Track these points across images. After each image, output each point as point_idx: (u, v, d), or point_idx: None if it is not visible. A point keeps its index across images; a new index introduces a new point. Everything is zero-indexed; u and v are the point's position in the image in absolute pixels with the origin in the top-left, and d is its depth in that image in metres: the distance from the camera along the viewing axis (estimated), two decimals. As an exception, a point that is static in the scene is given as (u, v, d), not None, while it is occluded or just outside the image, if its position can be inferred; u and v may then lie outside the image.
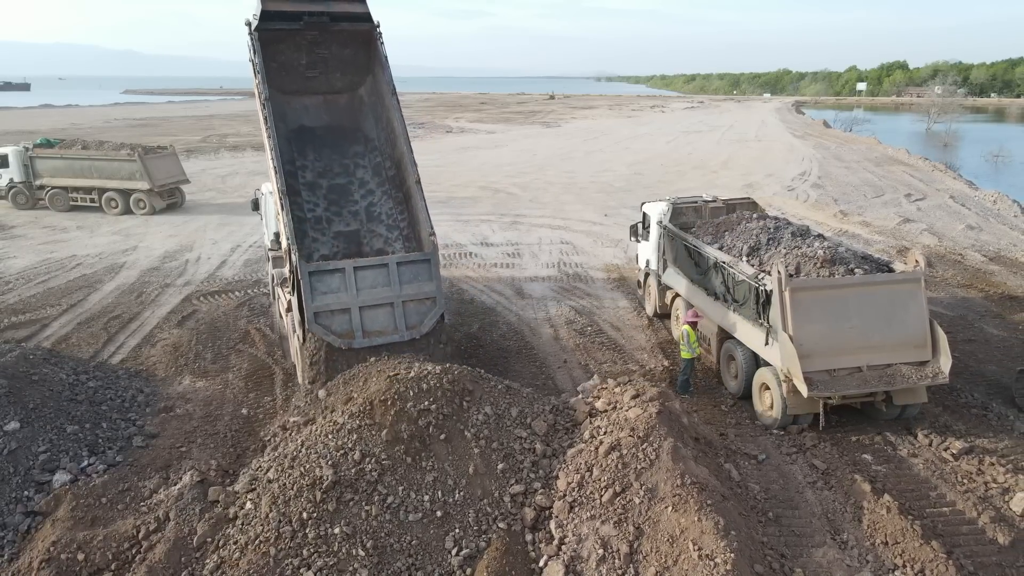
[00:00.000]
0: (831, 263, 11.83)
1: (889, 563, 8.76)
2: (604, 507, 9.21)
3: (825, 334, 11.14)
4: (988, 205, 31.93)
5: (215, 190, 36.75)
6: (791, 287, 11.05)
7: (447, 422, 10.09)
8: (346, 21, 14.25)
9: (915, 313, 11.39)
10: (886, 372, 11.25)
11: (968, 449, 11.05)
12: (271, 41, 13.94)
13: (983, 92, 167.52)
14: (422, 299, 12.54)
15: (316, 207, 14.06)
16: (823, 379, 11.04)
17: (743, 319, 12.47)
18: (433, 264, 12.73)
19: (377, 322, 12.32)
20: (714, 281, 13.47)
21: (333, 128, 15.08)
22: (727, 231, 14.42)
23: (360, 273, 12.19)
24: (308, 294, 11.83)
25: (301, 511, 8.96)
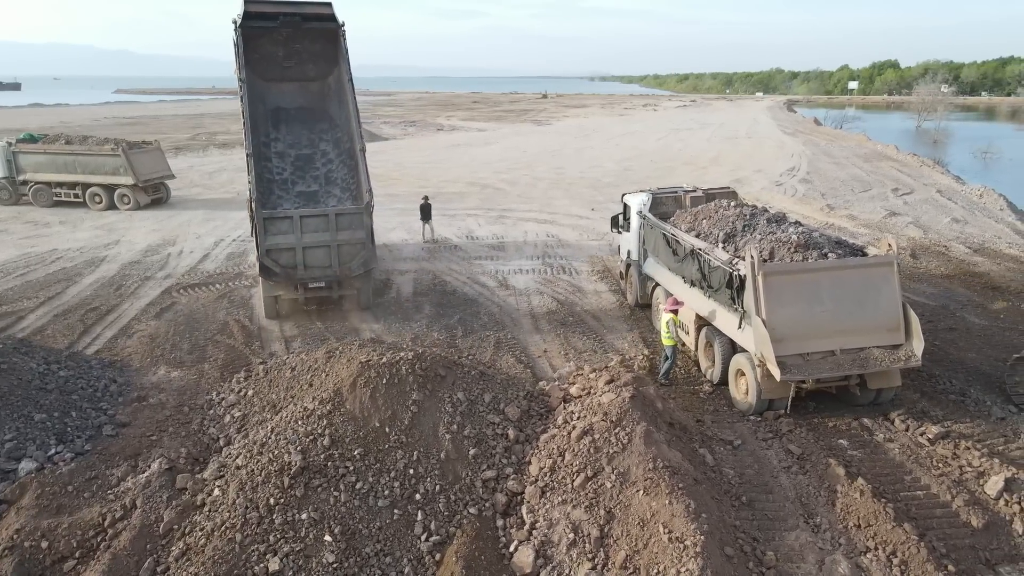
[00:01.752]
0: (804, 248, 11.80)
1: (861, 546, 8.70)
2: (576, 492, 9.13)
3: (798, 318, 11.11)
4: (975, 199, 31.99)
5: (202, 186, 36.54)
6: (764, 271, 11.02)
7: (418, 407, 9.99)
8: (315, 21, 17.60)
9: (888, 297, 11.39)
10: (859, 356, 11.22)
11: (944, 434, 11.00)
12: (253, 36, 17.11)
13: (974, 91, 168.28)
14: (354, 243, 15.80)
15: (283, 171, 17.20)
16: (796, 363, 11.01)
17: (719, 305, 12.47)
18: (365, 216, 15.85)
19: (316, 259, 15.66)
20: (691, 268, 13.43)
21: (304, 109, 18.31)
22: (705, 219, 14.39)
23: (304, 220, 15.41)
24: (262, 234, 15.18)
25: (268, 497, 8.85)
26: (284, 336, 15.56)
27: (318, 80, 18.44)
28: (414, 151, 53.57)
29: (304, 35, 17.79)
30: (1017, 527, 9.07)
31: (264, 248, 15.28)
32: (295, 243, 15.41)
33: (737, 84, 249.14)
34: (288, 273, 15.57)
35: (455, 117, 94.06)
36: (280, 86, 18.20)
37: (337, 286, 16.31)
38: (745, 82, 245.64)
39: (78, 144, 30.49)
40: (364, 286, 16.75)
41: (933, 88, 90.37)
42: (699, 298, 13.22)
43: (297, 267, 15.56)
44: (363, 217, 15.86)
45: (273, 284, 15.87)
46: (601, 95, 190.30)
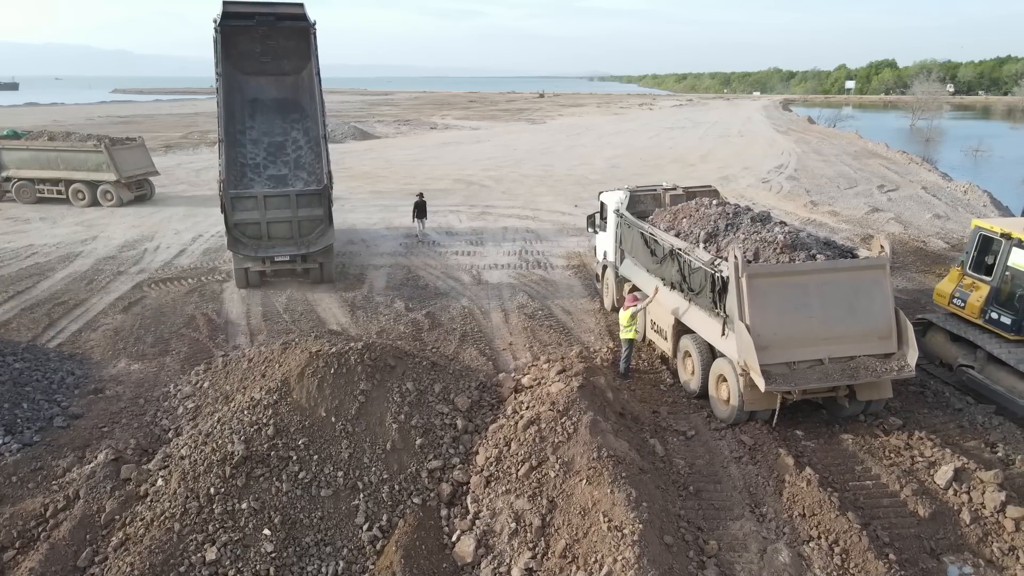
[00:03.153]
0: (792, 249, 11.10)
1: (805, 535, 8.66)
2: (520, 481, 9.08)
3: (784, 324, 10.39)
4: (959, 195, 31.94)
5: (187, 183, 36.44)
6: (748, 273, 10.30)
7: (366, 397, 9.93)
8: (288, 20, 19.34)
9: (880, 302, 10.68)
10: (849, 365, 10.50)
11: (900, 425, 10.95)
12: (233, 34, 18.86)
13: (971, 90, 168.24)
14: (313, 220, 17.48)
15: (256, 157, 18.81)
16: (782, 372, 10.30)
17: (699, 309, 11.66)
18: (323, 196, 17.51)
19: (279, 232, 17.42)
20: (670, 270, 12.64)
21: (279, 100, 19.94)
22: (685, 218, 13.67)
23: (268, 199, 17.15)
24: (230, 211, 16.87)
25: (209, 487, 8.80)
26: (250, 330, 15.50)
27: (292, 74, 20.02)
28: (405, 149, 53.49)
29: (279, 33, 19.48)
30: (964, 517, 9.03)
31: (231, 223, 17.01)
32: (260, 219, 17.12)
33: (735, 84, 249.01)
34: (254, 246, 17.38)
35: (450, 116, 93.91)
36: (257, 79, 19.81)
37: (301, 260, 17.98)
38: (743, 82, 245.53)
39: (61, 140, 30.41)
40: (326, 261, 18.43)
41: (931, 87, 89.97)
42: (678, 301, 12.45)
43: (262, 240, 17.36)
44: (321, 197, 17.53)
45: (242, 257, 17.61)
46: (598, 95, 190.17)
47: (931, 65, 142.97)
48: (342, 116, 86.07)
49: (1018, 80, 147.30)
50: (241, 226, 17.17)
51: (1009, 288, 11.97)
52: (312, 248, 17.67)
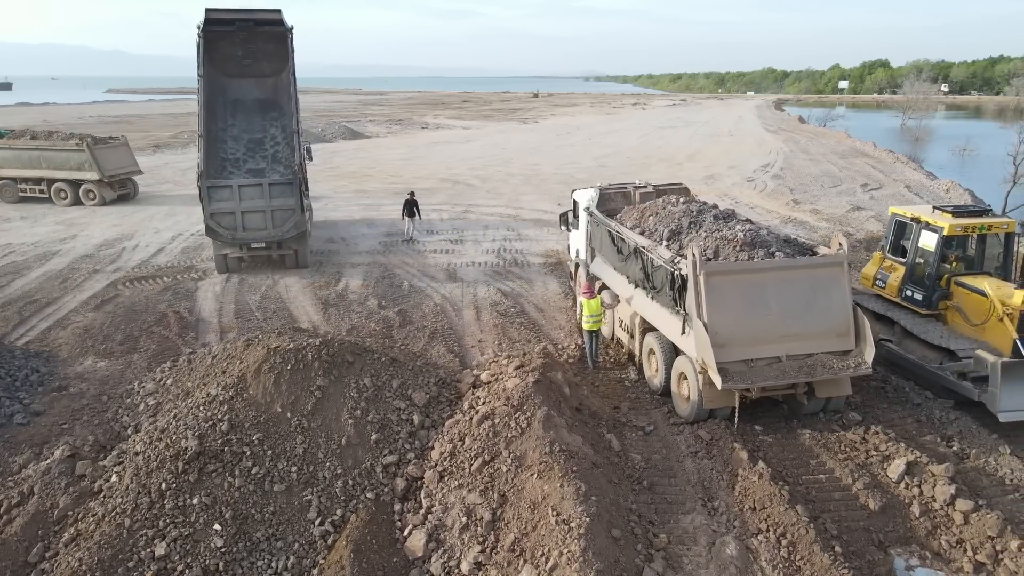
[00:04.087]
0: (751, 246, 11.05)
1: (754, 528, 8.70)
2: (472, 476, 9.11)
3: (742, 322, 10.38)
4: (941, 194, 32.07)
5: (173, 182, 36.37)
6: (705, 271, 10.26)
7: (323, 393, 9.95)
8: (267, 25, 20.69)
9: (838, 299, 10.65)
10: (806, 362, 10.45)
11: (859, 420, 11.00)
12: (216, 39, 20.10)
13: (964, 90, 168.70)
14: (285, 209, 18.56)
15: (237, 152, 19.98)
16: (740, 370, 10.29)
17: (661, 307, 11.61)
18: (294, 186, 18.55)
19: (254, 222, 18.50)
20: (634, 268, 12.60)
21: (259, 100, 21.11)
22: (652, 216, 13.65)
23: (243, 189, 18.26)
24: (207, 201, 18.07)
25: (161, 482, 8.82)
26: (221, 328, 15.52)
27: (272, 76, 21.19)
28: (394, 148, 53.50)
29: (258, 37, 20.83)
30: (914, 510, 9.08)
31: (208, 212, 18.19)
32: (235, 208, 18.30)
33: (730, 84, 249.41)
34: (230, 234, 18.52)
35: (442, 116, 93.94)
36: (239, 81, 21.03)
37: (276, 247, 19.28)
38: (737, 81, 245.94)
39: (43, 139, 30.34)
40: (300, 248, 19.69)
41: (921, 87, 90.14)
42: (642, 299, 12.41)
43: (237, 228, 18.50)
44: (292, 187, 18.60)
45: (220, 244, 18.90)
46: (593, 94, 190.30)
47: (924, 65, 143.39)
48: (334, 116, 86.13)
49: (1010, 80, 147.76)
50: (218, 215, 18.28)
51: (921, 267, 13.24)
52: (285, 235, 18.90)
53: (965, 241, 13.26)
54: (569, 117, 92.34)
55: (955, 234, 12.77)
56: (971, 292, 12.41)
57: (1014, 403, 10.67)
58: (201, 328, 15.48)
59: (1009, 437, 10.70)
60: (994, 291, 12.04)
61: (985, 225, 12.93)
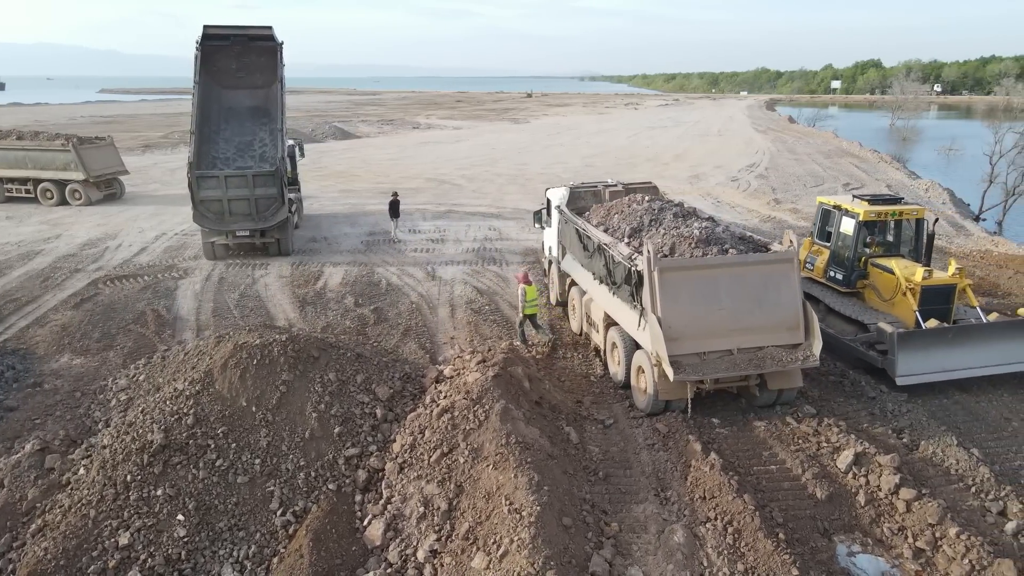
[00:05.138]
0: (706, 243, 11.37)
1: (703, 516, 8.97)
2: (431, 467, 9.36)
3: (695, 316, 10.64)
4: (920, 193, 32.43)
5: (160, 182, 36.57)
6: (659, 267, 10.56)
7: (288, 387, 10.19)
8: (259, 40, 22.54)
9: (788, 295, 10.94)
10: (757, 355, 10.78)
11: (814, 413, 11.28)
12: (212, 52, 21.79)
13: (955, 90, 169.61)
14: (268, 198, 20.08)
15: (227, 152, 21.27)
16: (692, 363, 10.56)
17: (622, 302, 11.91)
18: (276, 176, 19.95)
19: (239, 209, 20.08)
20: (598, 264, 13.02)
21: (251, 108, 22.64)
22: (617, 214, 13.97)
23: (228, 179, 19.70)
24: (196, 189, 19.52)
25: (126, 474, 9.05)
26: (198, 326, 15.72)
27: (264, 87, 22.70)
28: (383, 148, 53.71)
29: (251, 51, 22.54)
30: (860, 499, 9.36)
31: (197, 200, 19.63)
32: (222, 196, 19.75)
33: (723, 83, 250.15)
34: (217, 221, 20.01)
35: (435, 116, 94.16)
36: (235, 92, 22.62)
37: (260, 235, 20.71)
38: (731, 81, 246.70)
39: (29, 140, 30.47)
40: (283, 237, 21.19)
41: (910, 87, 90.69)
42: (605, 295, 12.74)
43: (224, 215, 19.94)
44: (275, 177, 19.97)
45: (208, 231, 20.41)
46: (586, 94, 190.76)
47: (915, 65, 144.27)
48: (326, 116, 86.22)
49: (1000, 80, 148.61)
50: (206, 203, 19.77)
51: (842, 250, 14.74)
52: (268, 223, 20.30)
53: (884, 226, 14.84)
54: (561, 117, 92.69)
55: (870, 220, 14.32)
56: (883, 271, 13.95)
57: (909, 368, 12.00)
58: (178, 326, 15.69)
59: (960, 430, 11.00)
60: (900, 270, 13.54)
61: (897, 212, 14.50)
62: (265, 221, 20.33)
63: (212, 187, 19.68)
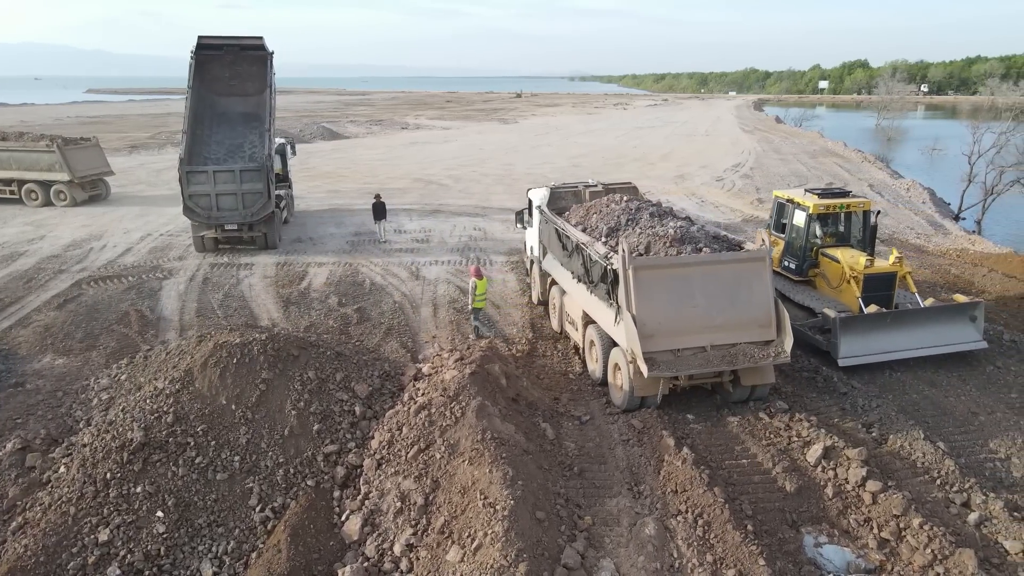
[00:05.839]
0: (680, 242, 11.57)
1: (674, 509, 9.16)
2: (408, 463, 9.53)
3: (669, 313, 10.84)
4: (902, 193, 32.83)
5: (146, 183, 36.51)
6: (634, 266, 10.75)
7: (267, 385, 10.33)
8: (251, 50, 23.44)
9: (760, 292, 11.15)
10: (730, 352, 10.99)
11: (786, 408, 11.51)
12: (205, 62, 22.89)
13: (941, 90, 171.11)
14: (255, 192, 21.06)
15: (218, 153, 22.12)
16: (667, 359, 10.78)
17: (599, 300, 12.09)
18: (262, 172, 21.02)
19: (227, 204, 21.03)
20: (576, 263, 13.24)
21: (243, 114, 23.62)
22: (595, 214, 14.18)
23: (217, 174, 20.72)
24: (185, 184, 20.49)
25: (106, 472, 9.17)
26: (182, 326, 15.80)
27: (256, 95, 23.56)
28: (372, 149, 53.76)
29: (243, 60, 23.49)
30: (828, 491, 9.58)
31: (187, 195, 20.63)
32: (210, 191, 20.75)
33: (712, 84, 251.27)
34: (206, 214, 20.96)
35: (424, 116, 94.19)
36: (228, 99, 23.65)
37: (247, 229, 21.65)
38: (720, 82, 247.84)
39: (13, 140, 30.38)
40: (269, 231, 22.20)
41: (895, 87, 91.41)
42: (583, 293, 12.89)
43: (212, 209, 20.93)
44: (260, 173, 21.01)
45: (198, 225, 21.45)
46: (576, 94, 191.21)
47: (901, 65, 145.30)
48: (314, 116, 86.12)
49: (985, 80, 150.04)
50: (195, 197, 20.77)
51: (795, 241, 15.74)
52: (255, 217, 21.27)
53: (835, 218, 15.71)
54: (549, 117, 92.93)
55: (819, 212, 15.28)
56: (831, 261, 14.89)
57: (850, 350, 12.85)
58: (162, 326, 15.76)
59: (928, 425, 11.25)
60: (846, 259, 14.44)
61: (844, 205, 15.49)
62: (252, 215, 21.25)
63: (201, 182, 20.64)
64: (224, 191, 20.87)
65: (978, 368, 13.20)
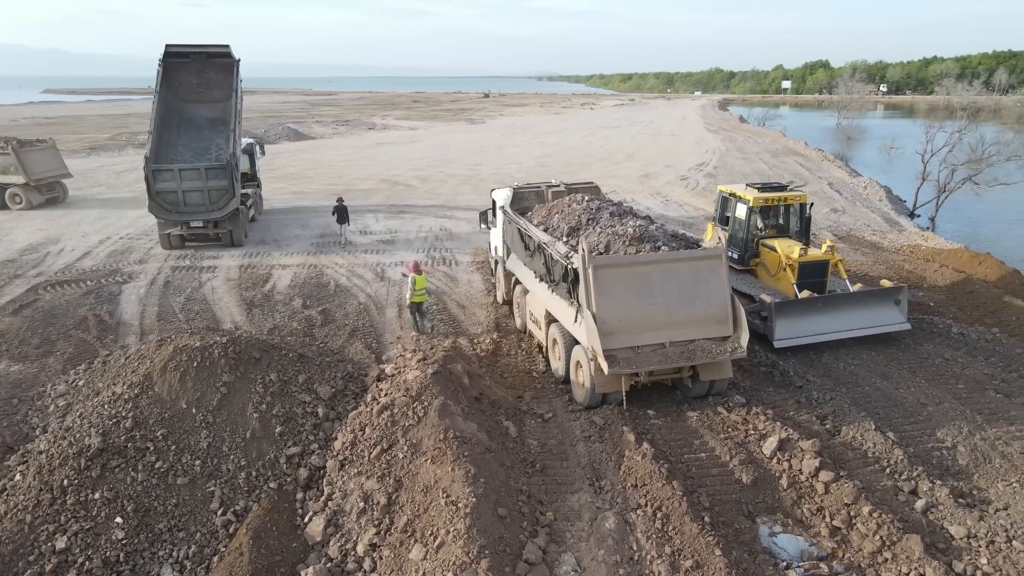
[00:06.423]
0: (639, 241, 11.75)
1: (634, 503, 9.33)
2: (371, 463, 9.57)
3: (629, 311, 11.02)
4: (859, 190, 33.63)
5: (106, 185, 35.83)
6: (594, 265, 10.91)
7: (228, 389, 10.28)
8: (217, 57, 24.26)
9: (717, 289, 11.38)
10: (688, 348, 11.18)
11: (744, 403, 11.78)
12: (173, 69, 23.56)
13: (899, 90, 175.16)
14: (220, 189, 21.68)
15: (185, 156, 22.58)
16: (627, 356, 10.94)
17: (560, 299, 12.24)
18: (228, 170, 21.60)
19: (193, 200, 21.68)
20: (538, 263, 13.35)
21: (210, 119, 24.09)
22: (557, 214, 14.28)
23: (183, 172, 21.38)
24: (152, 182, 21.18)
25: (63, 479, 9.06)
26: (142, 330, 15.60)
27: (223, 101, 24.09)
28: (337, 150, 53.39)
29: (210, 67, 24.18)
30: (783, 482, 9.84)
31: (153, 192, 21.22)
32: (176, 188, 21.39)
33: (678, 84, 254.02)
34: (172, 210, 21.56)
35: (391, 116, 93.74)
36: (195, 105, 24.18)
37: (213, 226, 22.16)
38: (686, 82, 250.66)
39: (-34, 143, 29.61)
40: (235, 228, 22.70)
41: (854, 86, 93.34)
42: (545, 292, 12.99)
43: (179, 205, 21.55)
44: (226, 170, 21.55)
45: (164, 223, 21.96)
46: (543, 95, 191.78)
47: (861, 66, 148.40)
48: (280, 117, 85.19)
49: (941, 80, 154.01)
50: (162, 195, 21.35)
51: (738, 233, 16.50)
52: (220, 214, 21.80)
53: (775, 211, 16.58)
54: (517, 117, 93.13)
55: (759, 205, 16.10)
56: (770, 250, 15.73)
57: (785, 333, 13.74)
58: (121, 331, 15.54)
59: (879, 416, 11.61)
60: (783, 248, 15.28)
61: (782, 198, 16.29)
62: (218, 212, 21.81)
63: (167, 179, 21.23)
64: (190, 188, 21.42)
65: (927, 360, 13.64)
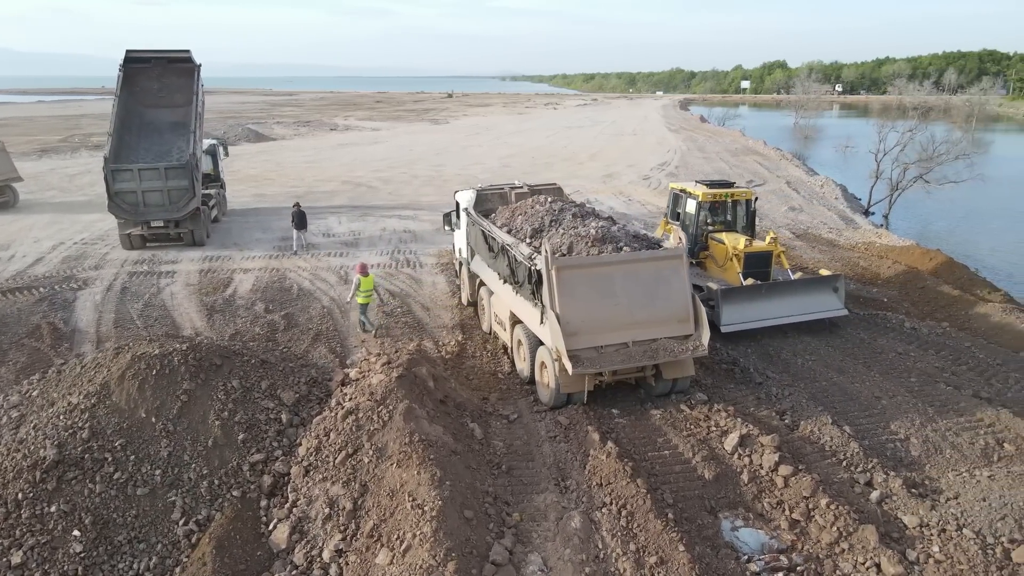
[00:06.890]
0: (602, 242, 11.84)
1: (599, 501, 9.45)
2: (336, 468, 9.52)
3: (592, 311, 11.14)
4: (816, 189, 34.40)
5: (58, 189, 34.88)
6: (556, 266, 11.00)
7: (189, 396, 10.12)
8: (178, 63, 24.40)
9: (678, 289, 11.56)
10: (651, 347, 11.35)
11: (705, 400, 11.99)
12: (134, 74, 23.64)
13: (854, 90, 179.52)
14: (180, 189, 21.81)
15: (147, 158, 22.45)
16: (590, 356, 11.06)
17: (525, 300, 12.29)
18: (187, 169, 21.72)
19: (153, 200, 21.77)
20: (502, 264, 13.39)
21: (171, 123, 23.92)
22: (521, 215, 14.33)
23: (143, 172, 21.48)
24: (111, 181, 21.21)
25: (17, 492, 8.83)
26: (98, 338, 15.25)
27: (184, 105, 24.01)
28: (299, 151, 52.74)
29: (171, 72, 24.22)
30: (744, 477, 10.05)
31: (113, 193, 21.21)
32: (136, 188, 21.44)
33: (640, 84, 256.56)
34: (132, 210, 21.64)
35: (353, 117, 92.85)
36: (156, 110, 24.07)
37: (174, 225, 22.30)
38: (647, 82, 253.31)
39: (-91, 146, 28.60)
40: (196, 228, 22.79)
41: (810, 87, 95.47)
42: (509, 294, 13.08)
43: (139, 206, 21.62)
44: (186, 170, 21.65)
45: (124, 223, 21.98)
46: (507, 94, 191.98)
47: (817, 66, 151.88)
48: (239, 117, 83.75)
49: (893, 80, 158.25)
50: (121, 195, 21.36)
51: (688, 227, 17.23)
52: (181, 213, 21.89)
53: (723, 206, 17.32)
54: (480, 118, 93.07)
55: (708, 200, 16.92)
56: (718, 243, 16.51)
57: (731, 318, 14.42)
58: (77, 339, 15.18)
59: (836, 410, 11.92)
60: (729, 241, 16.10)
61: (729, 194, 17.09)
62: (178, 211, 21.89)
63: (127, 180, 21.25)
64: (150, 188, 21.47)
65: (881, 355, 14.04)
